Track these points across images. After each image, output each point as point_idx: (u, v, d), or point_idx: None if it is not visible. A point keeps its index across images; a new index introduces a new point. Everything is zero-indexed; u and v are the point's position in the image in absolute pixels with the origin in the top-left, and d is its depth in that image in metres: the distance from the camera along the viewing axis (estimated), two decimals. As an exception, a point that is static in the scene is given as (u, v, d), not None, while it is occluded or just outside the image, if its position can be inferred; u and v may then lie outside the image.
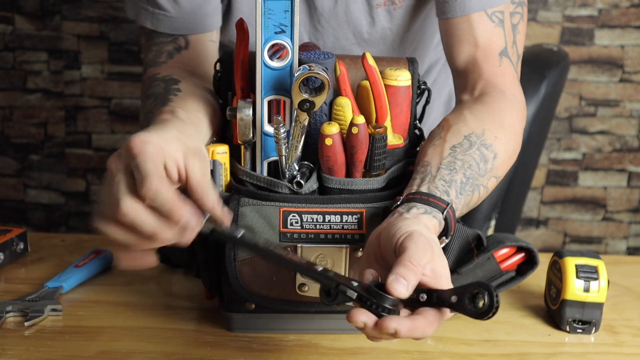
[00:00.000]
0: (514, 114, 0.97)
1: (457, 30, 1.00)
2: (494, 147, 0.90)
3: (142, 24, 1.05)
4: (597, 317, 0.94)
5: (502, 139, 0.92)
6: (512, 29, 1.00)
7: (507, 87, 0.98)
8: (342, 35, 1.11)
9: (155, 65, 1.03)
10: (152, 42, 1.06)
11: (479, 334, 0.93)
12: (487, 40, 0.98)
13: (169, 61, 1.03)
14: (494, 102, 0.96)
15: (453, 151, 0.87)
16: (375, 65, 0.86)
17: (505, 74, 0.99)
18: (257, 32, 0.83)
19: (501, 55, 0.99)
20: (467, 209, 0.88)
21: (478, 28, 0.98)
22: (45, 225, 2.36)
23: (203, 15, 1.04)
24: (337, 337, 0.91)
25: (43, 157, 2.31)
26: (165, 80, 0.97)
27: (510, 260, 0.95)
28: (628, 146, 2.28)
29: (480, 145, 0.89)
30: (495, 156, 0.90)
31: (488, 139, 0.90)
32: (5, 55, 2.23)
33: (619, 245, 2.37)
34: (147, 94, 0.97)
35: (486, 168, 0.88)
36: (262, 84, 0.85)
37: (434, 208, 0.79)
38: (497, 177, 0.92)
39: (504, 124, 0.94)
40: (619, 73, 2.23)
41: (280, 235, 0.84)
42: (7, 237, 1.09)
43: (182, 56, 1.04)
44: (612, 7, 2.18)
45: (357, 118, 0.84)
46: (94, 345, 0.88)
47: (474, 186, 0.86)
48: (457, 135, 0.89)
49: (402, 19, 1.10)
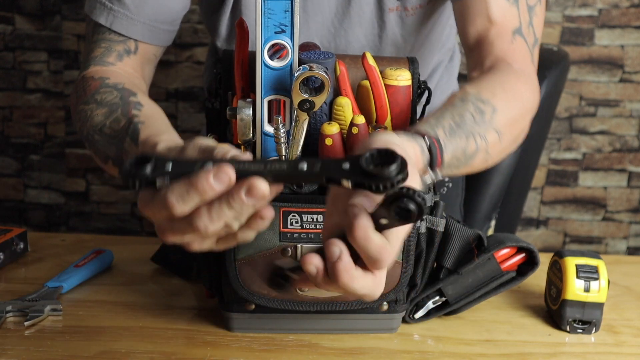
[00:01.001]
0: (520, 84, 0.94)
1: (470, 9, 0.99)
2: (492, 101, 0.86)
3: (96, 19, 1.02)
4: (598, 317, 0.94)
5: (501, 97, 0.88)
6: (528, 10, 0.99)
7: (518, 62, 0.97)
8: (354, 38, 1.11)
9: (102, 64, 1.01)
10: (102, 37, 1.03)
11: (479, 334, 0.93)
12: (500, 16, 0.98)
13: (118, 63, 1.01)
14: (499, 72, 0.94)
15: (442, 108, 0.83)
16: (375, 65, 0.86)
17: (517, 51, 0.98)
18: (257, 32, 0.83)
19: (515, 33, 0.98)
20: (465, 158, 0.82)
21: (492, 5, 0.98)
22: (45, 225, 2.36)
23: (161, 27, 1.04)
24: (337, 337, 0.91)
25: (43, 157, 2.31)
26: (118, 89, 0.94)
27: (511, 260, 0.95)
28: (628, 146, 2.28)
29: (474, 100, 0.85)
30: (494, 110, 0.85)
31: (484, 94, 0.86)
32: (5, 55, 2.23)
33: (619, 245, 2.37)
34: (94, 98, 0.93)
35: (484, 120, 0.83)
36: (262, 84, 0.85)
37: (417, 136, 0.74)
38: (500, 133, 0.86)
39: (505, 86, 0.91)
40: (619, 73, 2.23)
41: (280, 235, 0.84)
42: (7, 237, 1.09)
43: (131, 60, 1.02)
44: (612, 7, 2.18)
45: (357, 118, 0.84)
46: (94, 345, 0.88)
47: (468, 133, 0.81)
48: (450, 98, 0.86)
49: (413, 24, 1.11)
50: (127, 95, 0.92)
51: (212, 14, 1.17)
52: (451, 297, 0.95)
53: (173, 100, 2.24)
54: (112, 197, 2.33)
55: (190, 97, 2.23)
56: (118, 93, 0.92)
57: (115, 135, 0.86)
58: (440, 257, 0.94)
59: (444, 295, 0.94)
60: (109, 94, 0.93)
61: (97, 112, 0.91)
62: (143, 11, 1.01)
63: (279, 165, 0.60)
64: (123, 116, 0.87)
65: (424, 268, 0.92)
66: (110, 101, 0.92)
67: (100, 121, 0.90)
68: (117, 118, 0.88)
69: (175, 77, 2.21)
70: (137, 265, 1.09)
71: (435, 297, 0.94)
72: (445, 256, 0.94)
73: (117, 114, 0.89)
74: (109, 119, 0.89)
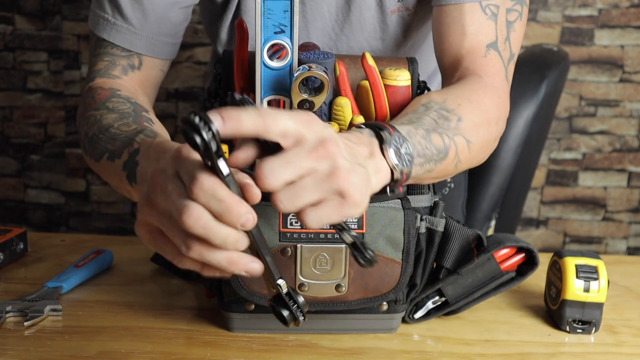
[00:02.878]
0: (487, 97, 0.92)
1: (447, 18, 0.98)
2: (457, 111, 0.85)
3: (100, 34, 1.01)
4: (597, 317, 0.94)
5: (466, 108, 0.87)
6: (507, 26, 0.98)
7: (489, 76, 0.95)
8: (355, 42, 1.11)
9: (107, 76, 1.00)
10: (105, 51, 1.02)
11: (479, 334, 0.93)
12: (475, 30, 0.97)
13: (124, 77, 1.00)
14: (466, 84, 0.93)
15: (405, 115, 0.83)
16: (374, 65, 0.86)
17: (489, 65, 0.96)
18: (257, 32, 0.83)
19: (489, 47, 0.97)
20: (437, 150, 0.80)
21: (468, 18, 0.97)
22: (45, 225, 2.36)
23: (164, 40, 1.03)
24: (337, 337, 0.91)
25: (43, 157, 2.31)
26: (131, 102, 0.93)
27: (511, 260, 0.95)
28: (628, 146, 2.28)
29: (438, 109, 0.84)
30: (459, 119, 0.85)
31: (450, 104, 0.86)
32: (5, 55, 2.23)
33: (619, 245, 2.37)
34: (106, 105, 0.92)
35: (449, 125, 0.83)
36: (262, 84, 0.85)
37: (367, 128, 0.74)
38: (468, 141, 0.85)
39: (471, 98, 0.89)
40: (619, 73, 2.23)
41: (280, 235, 0.84)
42: (7, 237, 1.09)
43: (135, 75, 1.02)
44: (612, 7, 2.18)
45: (356, 118, 0.84)
46: (94, 345, 0.88)
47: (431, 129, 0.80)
48: (414, 104, 0.85)
49: (414, 22, 1.10)
50: (140, 110, 0.92)
51: (213, 22, 1.17)
52: (451, 297, 0.95)
53: (173, 100, 2.24)
54: (112, 197, 2.33)
55: (190, 97, 2.24)
56: (131, 105, 0.93)
57: (122, 134, 0.86)
58: (440, 257, 0.94)
59: (444, 295, 0.94)
60: (122, 104, 0.93)
61: (107, 116, 0.91)
62: (145, 25, 1.01)
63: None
64: (134, 123, 0.87)
65: (423, 268, 0.92)
66: (123, 110, 0.92)
67: (108, 123, 0.89)
68: (128, 123, 0.88)
69: (175, 77, 2.21)
70: (137, 265, 1.09)
71: (435, 297, 0.95)
72: (445, 256, 0.94)
73: (128, 120, 0.89)
74: (118, 122, 0.89)
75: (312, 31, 1.10)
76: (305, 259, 0.84)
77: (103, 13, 1.01)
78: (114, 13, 1.00)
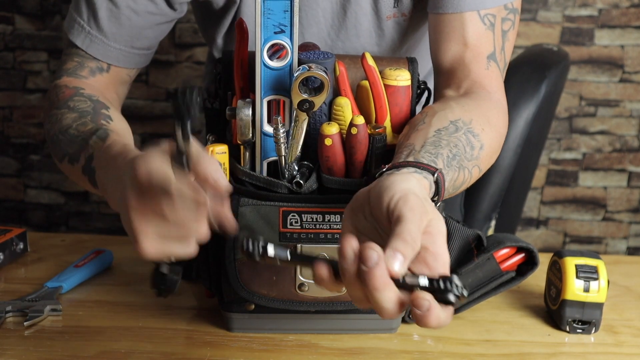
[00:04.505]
0: (499, 116, 0.95)
1: (446, 27, 0.98)
2: (481, 137, 0.87)
3: (74, 40, 1.02)
4: (597, 317, 0.94)
5: (488, 133, 0.89)
6: (502, 35, 0.99)
7: (494, 90, 0.97)
8: (351, 48, 1.11)
9: (74, 75, 1.01)
10: (75, 52, 1.03)
11: (479, 334, 0.93)
12: (476, 41, 0.97)
13: (90, 78, 1.02)
14: (481, 100, 0.94)
15: (438, 133, 0.84)
16: (374, 65, 0.86)
17: (492, 78, 0.98)
18: (257, 32, 0.83)
19: (489, 58, 0.98)
20: (453, 189, 0.84)
21: (469, 28, 0.97)
22: (45, 225, 2.36)
23: (136, 52, 1.04)
24: (337, 337, 0.91)
25: (43, 157, 2.31)
26: (92, 100, 0.95)
27: (511, 260, 0.95)
28: (628, 146, 2.28)
29: (466, 131, 0.86)
30: (482, 147, 0.87)
31: (475, 128, 0.87)
32: (5, 55, 2.23)
33: (619, 245, 2.37)
34: (67, 104, 0.94)
35: (472, 154, 0.85)
36: (262, 84, 0.85)
37: (424, 170, 0.75)
38: (481, 170, 0.89)
39: (490, 120, 0.91)
40: (619, 73, 2.23)
41: (280, 235, 0.84)
42: (7, 237, 1.09)
43: (103, 77, 1.03)
44: (612, 7, 2.18)
45: (356, 119, 0.84)
46: (94, 345, 0.88)
47: (460, 165, 0.83)
48: (442, 119, 0.86)
49: (411, 27, 1.10)
50: (100, 107, 0.94)
51: (209, 28, 1.17)
52: (451, 297, 0.94)
53: (173, 100, 2.24)
54: (112, 197, 2.33)
55: (190, 97, 2.23)
56: (91, 103, 0.94)
57: (79, 135, 0.88)
58: (440, 257, 0.94)
59: (444, 295, 0.94)
60: (82, 102, 0.95)
61: (67, 115, 0.93)
62: (119, 37, 1.01)
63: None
64: (91, 122, 0.90)
65: (423, 268, 0.92)
66: (82, 108, 0.93)
67: (67, 124, 0.91)
68: (85, 122, 0.90)
69: (175, 77, 2.21)
70: (137, 265, 1.09)
71: (435, 297, 0.94)
72: (445, 256, 0.93)
73: (85, 119, 0.91)
74: (76, 122, 0.91)
75: (307, 36, 1.09)
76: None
77: (79, 19, 1.02)
78: (89, 21, 1.01)
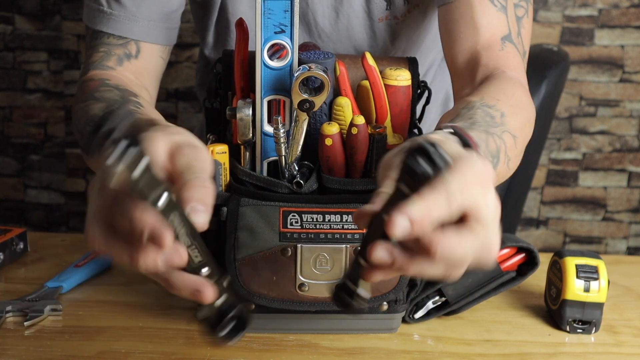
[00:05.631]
0: (517, 89, 0.90)
1: (455, 15, 0.95)
2: (498, 106, 0.82)
3: (96, 26, 1.00)
4: (597, 317, 0.94)
5: (505, 102, 0.84)
6: (517, 20, 0.96)
7: (510, 69, 0.92)
8: (343, 50, 1.11)
9: (101, 68, 0.98)
10: (100, 42, 1.00)
11: (479, 334, 0.93)
12: (488, 23, 0.94)
13: (118, 68, 0.99)
14: (492, 79, 0.91)
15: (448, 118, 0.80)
16: (375, 65, 0.86)
17: (509, 58, 0.94)
18: (257, 32, 0.83)
19: (504, 40, 0.94)
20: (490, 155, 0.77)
21: (478, 9, 0.94)
22: (45, 225, 2.36)
23: (161, 25, 1.02)
24: (337, 337, 0.91)
25: (43, 157, 2.31)
26: (119, 89, 0.92)
27: (511, 260, 0.95)
28: (628, 146, 2.28)
29: (481, 105, 0.82)
30: (502, 114, 0.82)
31: (489, 101, 0.83)
32: (5, 55, 2.23)
33: (619, 245, 2.37)
34: (94, 96, 0.90)
35: (495, 122, 0.80)
36: (262, 83, 0.85)
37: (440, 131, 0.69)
38: (515, 136, 0.83)
39: (507, 92, 0.87)
40: (619, 73, 2.23)
41: (280, 235, 0.84)
42: (7, 237, 1.09)
43: (132, 65, 1.00)
44: (612, 7, 2.18)
45: (357, 118, 0.84)
46: (94, 345, 0.88)
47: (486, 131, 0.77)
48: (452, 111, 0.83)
49: (403, 30, 1.10)
50: (128, 95, 0.91)
51: (199, 23, 1.17)
52: (451, 297, 0.95)
53: (173, 100, 2.24)
54: (112, 197, 2.33)
55: (190, 97, 2.24)
56: (119, 92, 0.91)
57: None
58: (440, 257, 0.94)
59: (444, 295, 0.94)
60: (109, 92, 0.91)
61: (94, 106, 0.89)
62: (141, 10, 1.00)
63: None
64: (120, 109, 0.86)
65: (423, 268, 0.92)
66: (109, 98, 0.90)
67: (95, 114, 0.88)
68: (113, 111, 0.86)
69: (175, 77, 2.21)
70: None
71: (435, 297, 0.95)
72: (445, 256, 0.93)
73: (113, 107, 0.87)
74: (104, 111, 0.87)
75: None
76: (305, 259, 0.84)
77: (98, 6, 1.00)
78: (109, 3, 1.00)
